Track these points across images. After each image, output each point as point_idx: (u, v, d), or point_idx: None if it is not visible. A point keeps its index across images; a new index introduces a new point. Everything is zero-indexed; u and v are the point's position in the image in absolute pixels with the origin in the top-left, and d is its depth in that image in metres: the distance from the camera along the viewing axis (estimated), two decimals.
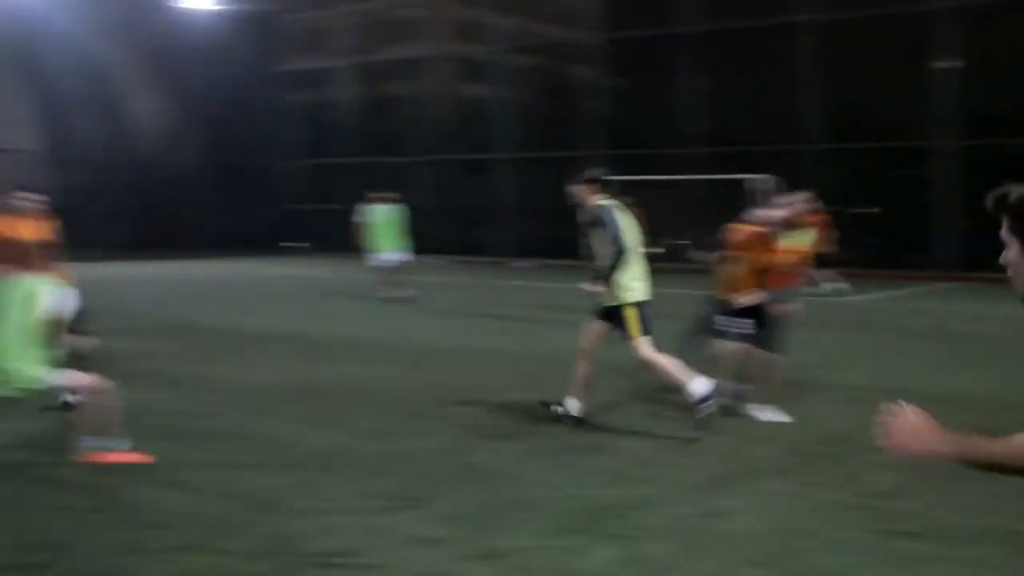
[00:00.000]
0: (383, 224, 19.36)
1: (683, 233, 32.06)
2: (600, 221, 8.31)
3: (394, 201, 19.62)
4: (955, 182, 26.47)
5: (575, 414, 8.32)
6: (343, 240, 21.85)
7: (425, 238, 23.45)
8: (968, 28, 26.85)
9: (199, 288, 22.77)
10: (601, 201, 8.42)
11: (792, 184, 17.68)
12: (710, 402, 7.89)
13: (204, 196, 39.23)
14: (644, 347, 8.18)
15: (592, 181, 8.48)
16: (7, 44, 35.68)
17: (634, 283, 8.27)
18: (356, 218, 20.02)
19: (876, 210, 29.27)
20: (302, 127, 42.88)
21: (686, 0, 31.47)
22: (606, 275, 8.15)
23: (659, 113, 33.54)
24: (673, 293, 11.14)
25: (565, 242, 32.64)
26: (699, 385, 7.92)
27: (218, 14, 39.22)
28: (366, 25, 45.11)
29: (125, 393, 7.26)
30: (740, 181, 27.91)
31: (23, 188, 9.18)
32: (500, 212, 35.28)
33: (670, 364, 8.15)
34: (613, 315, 8.27)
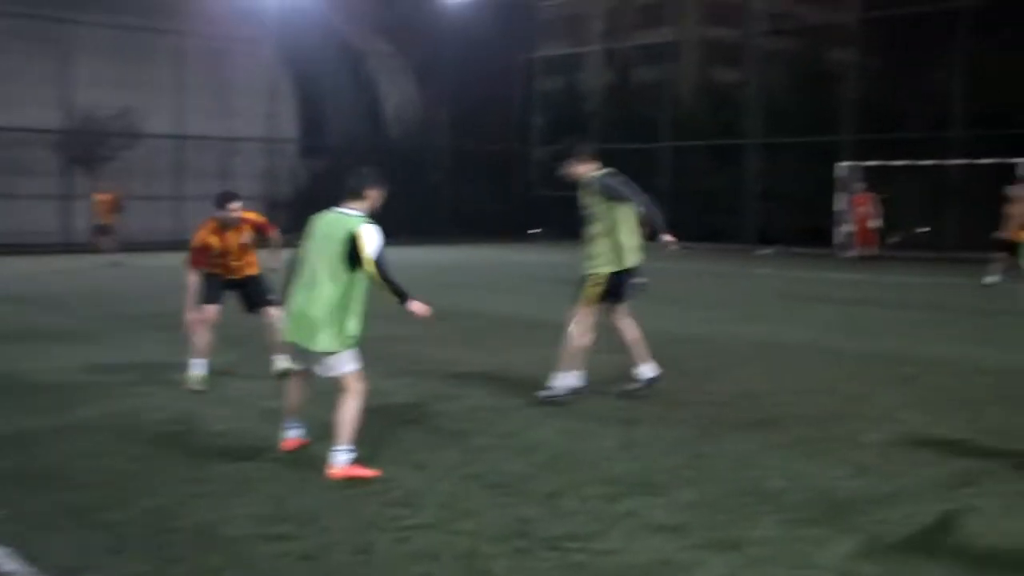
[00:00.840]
0: None
1: (931, 220, 30.90)
2: (606, 189, 8.50)
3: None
4: None
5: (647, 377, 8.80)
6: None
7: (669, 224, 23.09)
8: None
9: (469, 272, 23.43)
10: (598, 172, 8.63)
11: None
12: (643, 386, 8.70)
13: (454, 182, 40.35)
14: (581, 317, 8.58)
15: (585, 154, 8.64)
16: (270, 35, 37.65)
17: (618, 253, 8.53)
18: None
19: None
20: (552, 113, 43.34)
21: None
22: (660, 222, 8.44)
23: (918, 95, 32.10)
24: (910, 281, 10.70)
25: (813, 229, 31.88)
26: (648, 369, 8.73)
27: (473, 1, 40.04)
28: (618, 10, 45.20)
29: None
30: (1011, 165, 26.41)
31: (230, 196, 9.51)
32: (745, 198, 34.66)
33: (632, 336, 8.77)
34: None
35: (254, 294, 9.71)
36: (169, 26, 34.77)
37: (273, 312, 9.36)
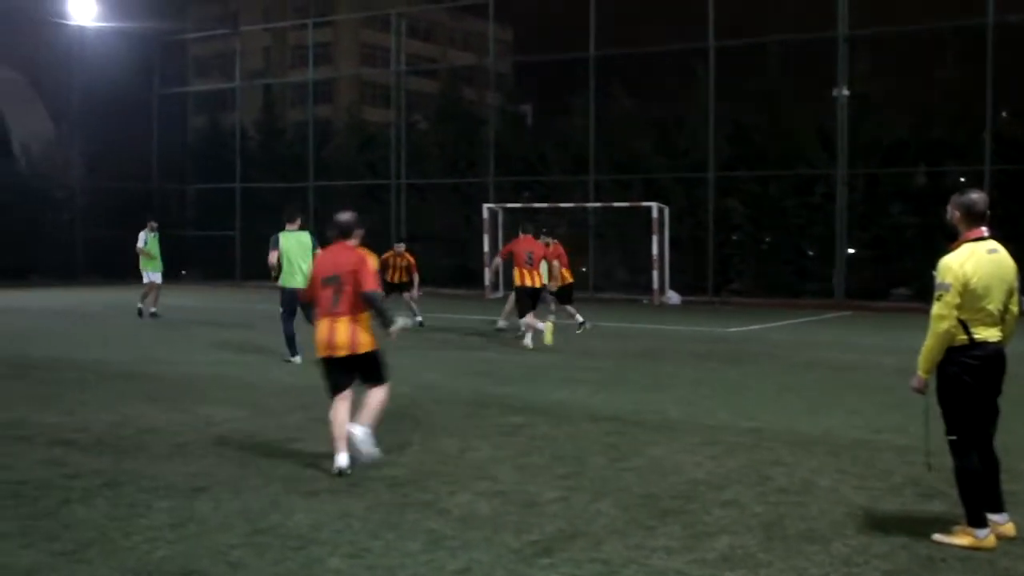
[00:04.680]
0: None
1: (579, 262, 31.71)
2: None
3: None
4: None
5: None
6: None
7: None
8: None
9: (70, 316, 21.47)
10: None
11: None
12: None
13: (88, 220, 37.63)
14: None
15: None
16: None
17: None
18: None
19: None
20: (200, 150, 41.52)
21: None
22: None
23: (558, 139, 32.99)
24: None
25: (462, 269, 31.88)
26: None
27: (111, 33, 37.78)
28: (271, 47, 43.97)
29: None
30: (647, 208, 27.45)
31: None
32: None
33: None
34: None
35: None
36: None
37: None
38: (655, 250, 27.30)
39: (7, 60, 40.67)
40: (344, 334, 7.61)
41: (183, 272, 16.94)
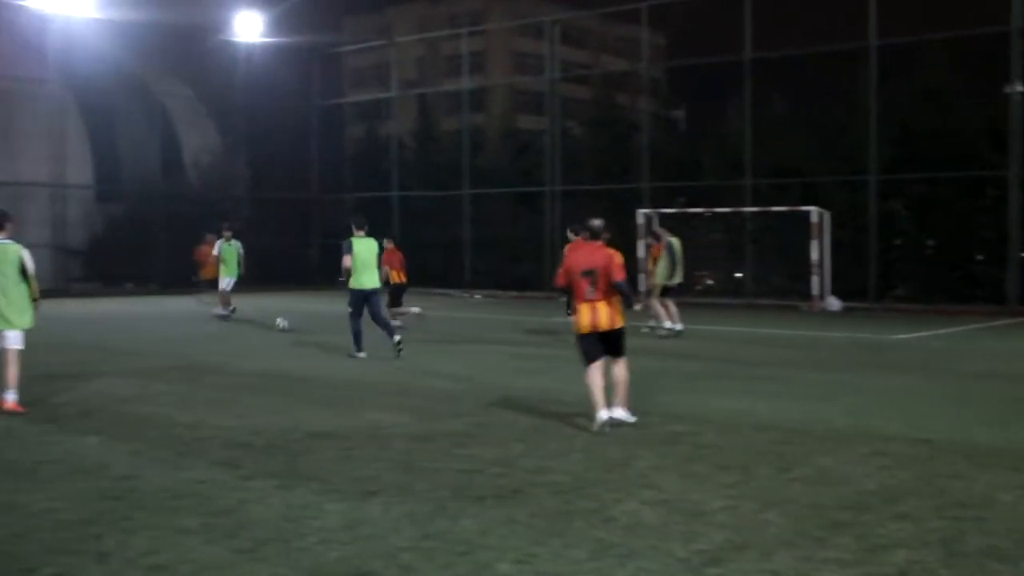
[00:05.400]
0: None
1: (732, 267, 31.32)
2: None
3: None
4: None
5: None
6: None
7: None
8: None
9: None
10: None
11: None
12: None
13: (253, 230, 38.88)
14: None
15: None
16: (56, 75, 35.66)
17: None
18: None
19: None
20: (356, 160, 42.58)
21: None
22: None
23: (713, 143, 32.60)
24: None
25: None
26: None
27: (273, 47, 39.08)
28: (425, 58, 44.64)
29: None
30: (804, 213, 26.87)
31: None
32: (547, 246, 34.46)
33: None
34: None
35: None
36: None
37: None
38: (815, 255, 26.70)
39: (178, 77, 42.43)
40: (605, 314, 9.64)
41: (341, 279, 17.36)
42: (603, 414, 9.38)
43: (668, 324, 19.07)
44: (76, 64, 35.89)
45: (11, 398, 10.51)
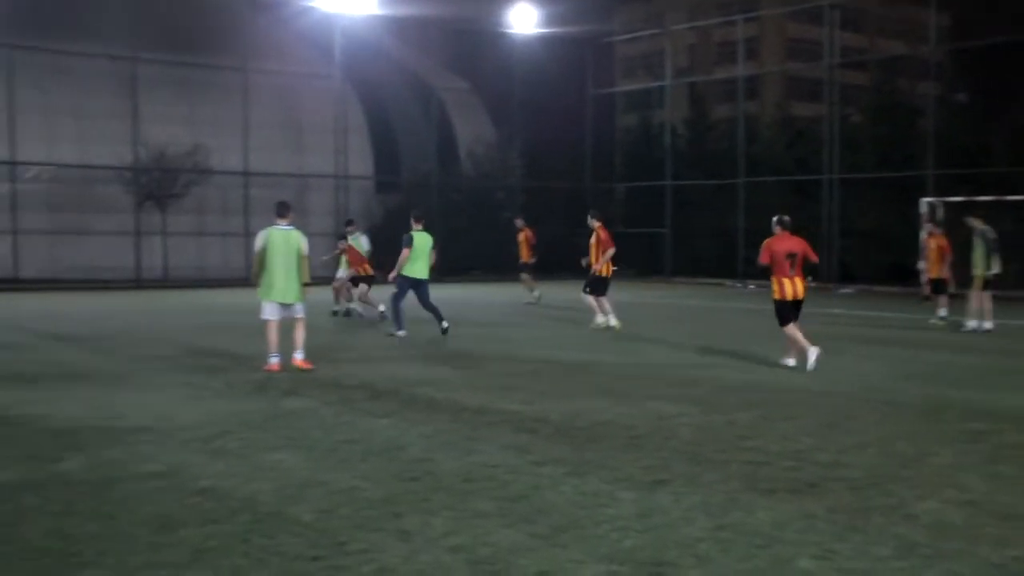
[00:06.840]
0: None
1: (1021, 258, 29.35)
2: None
3: None
4: None
5: None
6: None
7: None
8: None
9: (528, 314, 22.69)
10: None
11: None
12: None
13: (526, 219, 39.68)
14: None
15: None
16: (339, 70, 37.45)
17: None
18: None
19: None
20: (627, 149, 42.75)
21: None
22: None
23: (1003, 128, 30.74)
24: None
25: (895, 267, 30.55)
26: None
27: (547, 38, 39.69)
28: (696, 46, 44.07)
29: None
30: None
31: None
32: (824, 234, 33.43)
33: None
34: None
35: None
36: (237, 63, 34.84)
37: None
38: None
39: (454, 70, 43.84)
40: (801, 287, 13.02)
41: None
42: (814, 350, 12.70)
43: (973, 323, 18.40)
44: (358, 60, 37.66)
45: (299, 356, 12.55)
